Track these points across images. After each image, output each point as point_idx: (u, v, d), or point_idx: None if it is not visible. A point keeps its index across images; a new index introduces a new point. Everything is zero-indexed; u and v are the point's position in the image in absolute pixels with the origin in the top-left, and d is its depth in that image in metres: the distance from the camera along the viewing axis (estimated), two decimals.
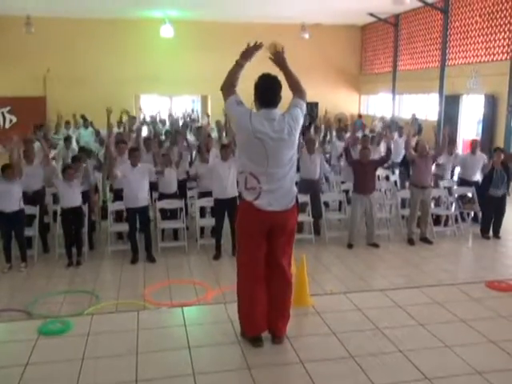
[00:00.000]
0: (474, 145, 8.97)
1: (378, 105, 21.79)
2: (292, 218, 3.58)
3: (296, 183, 3.75)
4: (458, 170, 9.43)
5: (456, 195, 8.84)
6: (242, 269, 3.64)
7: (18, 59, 19.03)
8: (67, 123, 10.58)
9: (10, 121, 19.46)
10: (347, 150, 8.00)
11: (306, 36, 19.55)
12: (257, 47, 3.54)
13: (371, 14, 19.35)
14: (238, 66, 3.57)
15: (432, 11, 17.15)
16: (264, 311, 3.62)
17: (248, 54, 3.56)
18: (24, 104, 18.64)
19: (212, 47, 20.08)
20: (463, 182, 8.94)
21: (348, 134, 10.80)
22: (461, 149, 15.60)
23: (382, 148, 9.64)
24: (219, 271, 6.77)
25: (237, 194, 7.28)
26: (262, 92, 3.48)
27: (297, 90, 3.61)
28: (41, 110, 19.00)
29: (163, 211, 7.80)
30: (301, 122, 3.54)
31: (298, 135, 3.54)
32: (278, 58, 3.60)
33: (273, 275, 3.64)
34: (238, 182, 3.72)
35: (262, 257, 3.58)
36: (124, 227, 7.59)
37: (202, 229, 7.93)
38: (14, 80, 19.03)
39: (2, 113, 19.63)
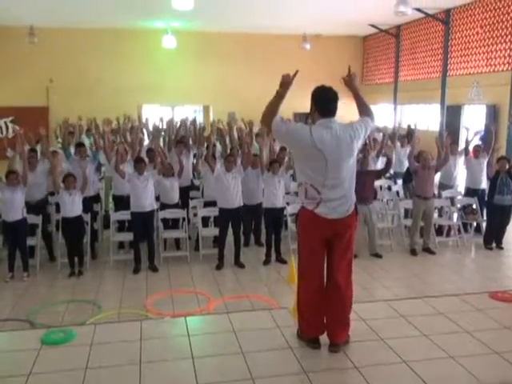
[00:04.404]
0: (477, 149, 8.97)
1: (380, 115, 21.84)
2: (351, 225, 3.65)
3: None
4: (462, 176, 9.39)
5: (459, 205, 8.84)
6: (303, 276, 3.74)
7: (21, 69, 19.12)
8: (71, 133, 10.54)
9: (13, 130, 19.51)
10: None
11: (308, 47, 19.61)
12: (296, 74, 3.59)
13: (372, 25, 19.45)
14: (279, 97, 3.55)
15: (433, 22, 17.24)
16: (322, 315, 3.73)
17: (288, 83, 3.55)
18: (27, 114, 18.67)
19: (214, 58, 20.18)
20: (470, 191, 8.90)
21: None
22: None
23: (381, 159, 9.65)
24: (221, 281, 6.76)
25: (242, 204, 7.34)
26: (324, 103, 3.58)
27: (365, 111, 3.75)
28: (43, 119, 19.05)
29: (165, 221, 7.81)
30: (361, 134, 3.61)
31: (357, 146, 3.61)
32: (352, 81, 3.75)
33: (328, 289, 3.73)
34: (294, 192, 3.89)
35: (322, 264, 3.69)
36: (127, 236, 7.60)
37: (204, 238, 7.92)
38: (18, 90, 19.10)
39: (5, 122, 19.69)
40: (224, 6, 15.21)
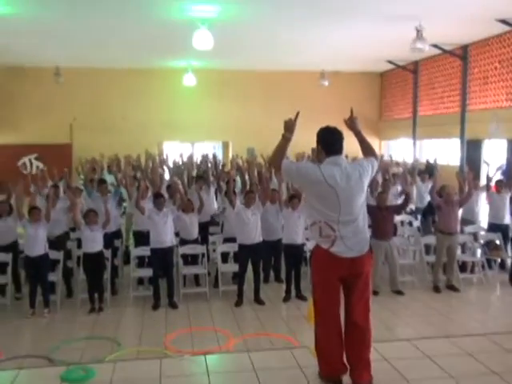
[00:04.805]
0: (499, 184, 8.88)
1: (399, 150, 21.81)
2: (367, 263, 3.63)
3: None
4: (484, 210, 9.25)
5: (482, 241, 8.67)
6: (319, 316, 3.69)
7: (46, 108, 19.72)
8: (93, 170, 10.86)
9: (37, 167, 19.94)
10: None
11: (326, 83, 19.90)
12: (297, 116, 3.68)
13: (390, 62, 19.68)
14: (286, 141, 3.66)
15: (450, 58, 17.36)
16: (341, 354, 3.65)
17: (292, 126, 3.66)
18: (51, 151, 19.13)
19: (233, 95, 20.55)
20: (493, 226, 8.77)
21: None
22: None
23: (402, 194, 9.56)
24: (241, 318, 6.68)
25: (261, 240, 7.31)
26: (331, 142, 3.67)
27: (369, 152, 3.81)
28: (67, 156, 19.49)
29: (184, 257, 7.82)
30: (369, 171, 3.69)
31: (367, 183, 3.67)
32: (354, 124, 3.81)
33: (347, 329, 3.66)
34: (309, 232, 4.00)
35: (338, 303, 3.63)
36: (147, 272, 7.61)
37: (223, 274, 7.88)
38: (43, 128, 19.66)
39: (30, 160, 20.16)
40: (242, 45, 15.59)
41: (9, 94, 19.50)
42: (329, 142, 3.67)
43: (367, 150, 3.83)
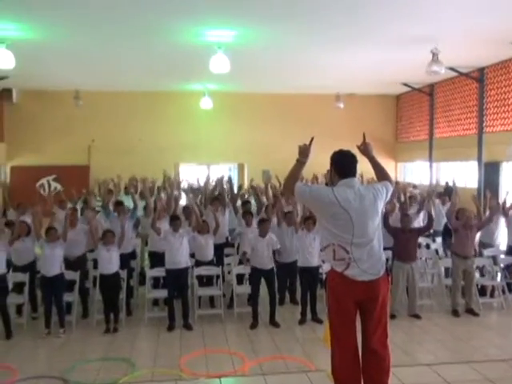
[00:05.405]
0: None
1: (416, 172, 21.69)
2: (384, 287, 3.57)
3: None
4: (502, 233, 9.12)
5: (502, 265, 8.52)
6: (336, 341, 3.62)
7: (65, 130, 20.06)
8: (110, 191, 10.97)
9: (55, 188, 20.20)
10: (385, 217, 7.87)
11: (341, 106, 19.96)
12: (311, 141, 3.73)
13: (405, 84, 19.70)
14: (300, 165, 3.70)
15: (467, 80, 17.33)
16: (359, 379, 3.58)
17: (306, 150, 3.70)
18: (69, 172, 19.41)
19: (248, 117, 20.72)
20: None
21: None
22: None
23: (422, 216, 9.47)
24: (256, 341, 6.62)
25: (273, 265, 7.29)
26: (344, 165, 3.68)
27: (383, 177, 3.82)
28: (84, 177, 19.74)
29: (200, 278, 7.81)
30: (383, 195, 3.67)
31: (381, 205, 3.66)
32: (367, 149, 3.84)
33: (364, 355, 3.59)
34: (324, 255, 4.03)
35: (354, 328, 3.57)
36: (162, 293, 7.60)
37: (238, 296, 7.84)
38: (61, 150, 19.99)
39: (48, 181, 20.45)
40: (258, 68, 15.76)
41: (31, 117, 19.92)
42: (342, 165, 3.68)
43: (381, 174, 3.84)
